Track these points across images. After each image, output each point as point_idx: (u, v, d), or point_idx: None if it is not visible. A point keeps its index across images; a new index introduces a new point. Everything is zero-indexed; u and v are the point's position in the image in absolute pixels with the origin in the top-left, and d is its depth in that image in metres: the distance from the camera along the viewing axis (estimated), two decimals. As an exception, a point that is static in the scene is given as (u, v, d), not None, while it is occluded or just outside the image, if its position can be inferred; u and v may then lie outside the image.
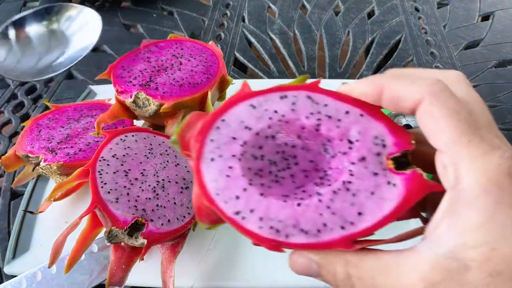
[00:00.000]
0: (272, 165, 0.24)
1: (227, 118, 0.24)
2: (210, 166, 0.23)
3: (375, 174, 0.22)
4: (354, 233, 0.21)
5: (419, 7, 0.71)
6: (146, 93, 0.40)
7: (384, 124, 0.23)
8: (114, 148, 0.35)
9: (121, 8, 0.74)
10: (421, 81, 0.21)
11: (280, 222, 0.21)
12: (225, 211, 0.22)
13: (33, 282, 0.34)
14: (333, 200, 0.22)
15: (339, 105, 0.24)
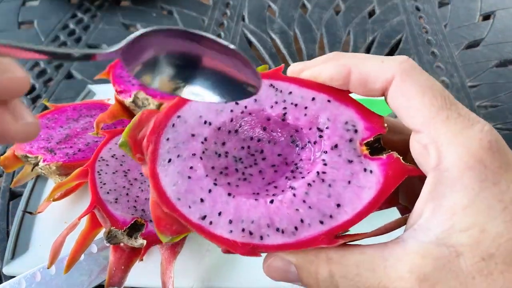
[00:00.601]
0: (238, 162, 0.22)
1: (183, 114, 0.22)
2: (167, 168, 0.20)
3: (349, 162, 0.21)
4: (335, 227, 0.19)
5: (420, 7, 0.71)
6: (145, 93, 0.40)
7: (353, 109, 0.22)
8: (114, 148, 0.35)
9: (121, 8, 0.74)
10: (391, 60, 0.20)
11: (252, 223, 0.20)
12: (189, 217, 0.20)
13: (32, 282, 0.34)
14: (308, 193, 0.20)
15: (304, 92, 0.22)
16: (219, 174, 0.22)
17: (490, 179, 0.17)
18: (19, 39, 0.67)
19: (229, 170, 0.22)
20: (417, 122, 0.19)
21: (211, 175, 0.21)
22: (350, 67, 0.21)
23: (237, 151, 0.23)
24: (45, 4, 0.75)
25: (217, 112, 0.22)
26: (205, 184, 0.20)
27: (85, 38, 0.67)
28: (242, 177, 0.22)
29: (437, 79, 0.58)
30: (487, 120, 0.50)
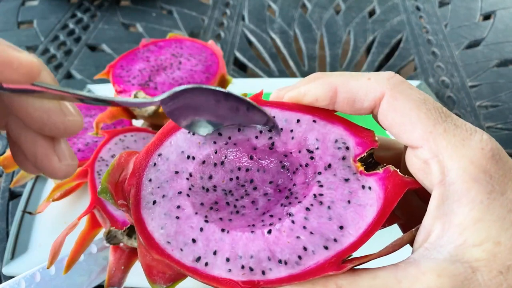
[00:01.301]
0: (228, 195, 0.21)
1: (163, 151, 0.21)
2: (153, 211, 0.19)
3: (346, 180, 0.20)
4: (341, 251, 0.18)
5: (420, 6, 0.71)
6: (145, 93, 0.40)
7: (341, 126, 0.21)
8: (113, 148, 0.35)
9: (120, 7, 0.74)
10: (377, 76, 0.19)
11: (252, 258, 0.18)
12: (182, 260, 0.18)
13: (32, 283, 0.34)
14: (307, 218, 0.19)
15: (287, 115, 0.21)
16: (210, 210, 0.20)
17: (497, 190, 0.17)
18: (18, 39, 0.67)
19: (220, 204, 0.21)
20: (414, 137, 0.18)
21: (201, 211, 0.20)
22: (336, 86, 0.20)
23: (226, 183, 0.21)
24: (44, 4, 0.75)
25: (199, 145, 0.21)
26: (195, 222, 0.19)
27: (85, 38, 0.67)
28: (234, 210, 0.21)
29: (437, 79, 0.59)
30: (488, 120, 0.50)
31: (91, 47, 0.66)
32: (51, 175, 0.20)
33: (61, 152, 0.19)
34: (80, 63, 0.62)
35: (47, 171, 0.19)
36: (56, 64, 0.62)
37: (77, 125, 0.19)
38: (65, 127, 0.19)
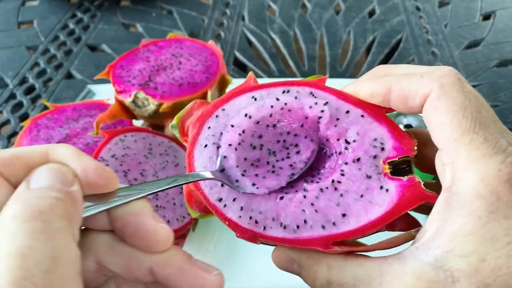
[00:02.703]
0: (271, 155, 0.23)
1: (227, 107, 0.24)
2: (202, 152, 0.22)
3: (368, 177, 0.21)
4: (334, 234, 0.20)
5: (420, 6, 0.71)
6: (145, 93, 0.40)
7: (386, 128, 0.22)
8: (113, 148, 0.35)
9: (121, 7, 0.74)
10: (432, 73, 0.19)
11: (260, 214, 0.21)
12: (208, 197, 0.22)
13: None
14: (318, 197, 0.21)
15: (340, 104, 0.23)
16: (250, 166, 0.23)
17: (502, 212, 0.17)
18: (19, 39, 0.67)
19: (261, 162, 0.23)
20: (441, 140, 0.19)
21: (242, 166, 0.22)
22: (390, 84, 0.21)
23: (272, 144, 0.24)
24: (44, 4, 0.75)
25: (258, 107, 0.23)
26: (233, 173, 0.22)
27: (85, 38, 0.67)
28: (271, 169, 0.23)
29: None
30: (488, 120, 0.50)
31: (91, 47, 0.66)
32: None
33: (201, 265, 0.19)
34: (80, 63, 0.62)
35: None
36: (56, 64, 0.62)
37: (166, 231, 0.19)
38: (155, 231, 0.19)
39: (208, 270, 0.20)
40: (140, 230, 0.18)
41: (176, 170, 0.37)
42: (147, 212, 0.19)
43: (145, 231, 0.18)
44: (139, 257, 0.19)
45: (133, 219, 0.18)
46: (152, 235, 0.18)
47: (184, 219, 0.34)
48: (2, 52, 0.64)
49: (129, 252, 0.19)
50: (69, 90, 0.57)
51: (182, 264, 0.19)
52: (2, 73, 0.60)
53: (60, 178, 0.17)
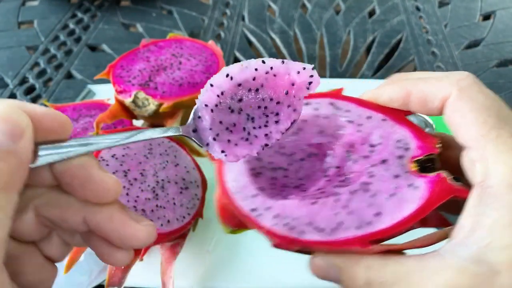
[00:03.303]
0: (249, 121, 0.23)
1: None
2: (231, 168, 0.24)
3: (396, 177, 0.21)
4: (371, 233, 0.20)
5: (420, 6, 0.71)
6: (145, 93, 0.40)
7: (407, 129, 0.23)
8: (113, 148, 0.35)
9: (121, 7, 0.74)
10: (449, 77, 0.20)
11: (294, 220, 0.21)
12: (242, 208, 0.22)
13: (32, 283, 0.34)
14: (350, 199, 0.21)
15: (361, 111, 0.24)
16: (224, 130, 0.22)
17: None
18: (19, 39, 0.67)
19: (236, 127, 0.23)
20: (468, 138, 0.19)
21: (216, 129, 0.22)
22: (409, 88, 0.22)
23: (252, 110, 0.23)
24: (45, 4, 0.75)
25: (242, 68, 0.22)
26: (204, 136, 0.22)
27: (85, 38, 0.67)
28: (246, 136, 0.23)
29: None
30: (487, 120, 0.50)
31: (91, 47, 0.66)
32: (136, 241, 0.20)
33: (133, 216, 0.20)
34: (80, 63, 0.62)
35: (132, 239, 0.20)
36: (56, 64, 0.62)
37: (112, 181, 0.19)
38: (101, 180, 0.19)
39: (138, 219, 0.20)
40: (88, 182, 0.19)
41: (176, 170, 0.37)
42: (94, 163, 0.19)
43: (93, 183, 0.19)
44: (74, 206, 0.19)
45: (81, 171, 0.19)
46: (101, 186, 0.19)
47: (184, 219, 0.34)
48: (2, 52, 0.64)
49: (65, 201, 0.19)
50: (69, 90, 0.57)
51: (112, 212, 0.20)
52: (2, 73, 0.60)
53: (6, 130, 0.16)
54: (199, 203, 0.36)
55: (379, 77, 0.58)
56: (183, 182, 0.36)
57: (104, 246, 0.21)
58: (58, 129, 0.19)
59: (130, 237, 0.20)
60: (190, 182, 0.37)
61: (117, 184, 0.19)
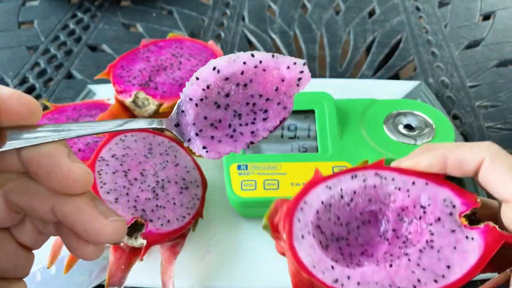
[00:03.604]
0: (236, 118, 0.23)
1: (308, 199, 0.27)
2: (302, 243, 0.25)
3: (452, 231, 0.25)
4: (447, 284, 0.23)
5: (420, 7, 0.71)
6: (145, 93, 0.40)
7: (449, 189, 0.26)
8: (114, 148, 0.35)
9: (121, 7, 0.74)
10: (478, 145, 0.25)
11: (377, 284, 0.24)
12: (324, 280, 0.24)
13: (32, 282, 0.34)
14: (420, 258, 0.24)
15: (405, 178, 0.27)
16: (209, 126, 0.22)
17: None
18: (19, 39, 0.67)
19: (222, 123, 0.22)
20: (508, 193, 0.23)
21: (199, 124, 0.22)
22: (446, 155, 0.26)
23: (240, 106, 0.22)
24: (45, 4, 0.75)
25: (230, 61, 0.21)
26: (187, 131, 0.22)
27: (85, 38, 0.67)
28: (231, 133, 0.22)
29: (437, 79, 0.59)
30: (487, 120, 0.50)
31: (91, 47, 0.66)
32: (102, 237, 0.19)
33: (102, 210, 0.19)
34: (80, 63, 0.62)
35: (97, 234, 0.19)
36: (56, 64, 0.62)
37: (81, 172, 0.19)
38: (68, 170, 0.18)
39: (107, 214, 0.19)
40: (54, 172, 0.18)
41: (176, 170, 0.37)
42: (62, 152, 0.18)
43: (60, 173, 0.18)
44: (42, 194, 0.19)
45: (47, 160, 0.18)
46: (68, 176, 0.18)
47: (184, 219, 0.34)
48: (3, 52, 0.64)
49: (33, 188, 0.19)
50: (70, 90, 0.57)
51: (80, 204, 0.19)
52: (3, 73, 0.60)
53: None
54: (199, 203, 0.36)
55: (379, 77, 0.58)
56: (183, 182, 0.36)
57: (73, 239, 0.20)
58: (25, 113, 0.18)
59: (95, 232, 0.19)
60: (190, 182, 0.37)
61: (86, 175, 0.18)
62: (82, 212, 0.19)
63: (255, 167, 0.37)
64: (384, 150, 0.37)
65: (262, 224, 0.27)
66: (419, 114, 0.40)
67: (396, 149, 0.37)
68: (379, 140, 0.38)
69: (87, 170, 0.19)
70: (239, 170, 0.36)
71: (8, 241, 0.20)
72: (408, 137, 0.38)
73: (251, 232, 0.38)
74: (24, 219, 0.21)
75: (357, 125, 0.39)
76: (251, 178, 0.36)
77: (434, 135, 0.38)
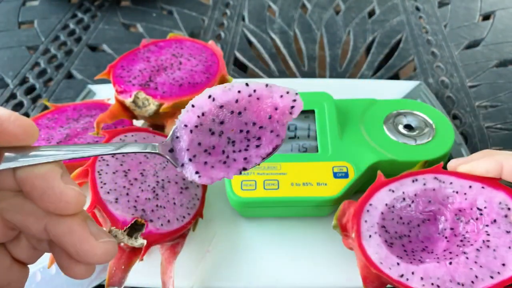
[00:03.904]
0: (230, 145, 0.23)
1: (373, 202, 0.30)
2: (369, 242, 0.29)
3: (507, 232, 0.27)
4: (503, 280, 0.26)
5: (420, 7, 0.71)
6: (145, 93, 0.40)
7: (504, 192, 0.29)
8: (114, 148, 0.35)
9: (121, 7, 0.74)
10: None
11: (438, 279, 0.26)
12: (391, 275, 0.27)
13: (33, 282, 0.34)
14: (478, 256, 0.27)
15: (462, 182, 0.30)
16: (203, 152, 0.22)
17: None
18: (19, 39, 0.67)
19: (216, 150, 0.22)
20: None
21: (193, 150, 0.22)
22: (502, 162, 0.28)
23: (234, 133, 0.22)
24: (45, 4, 0.75)
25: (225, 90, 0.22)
26: (180, 156, 0.22)
27: (85, 38, 0.67)
28: (224, 159, 0.23)
29: (437, 79, 0.59)
30: (487, 120, 0.50)
31: (91, 47, 0.66)
32: (92, 258, 0.19)
33: (94, 231, 0.20)
34: (80, 63, 0.62)
35: (88, 255, 0.19)
36: (56, 64, 0.62)
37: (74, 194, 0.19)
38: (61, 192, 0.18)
39: (98, 235, 0.19)
40: (46, 193, 0.18)
41: (176, 170, 0.37)
42: (56, 174, 0.18)
43: (52, 195, 0.18)
44: (36, 213, 0.19)
45: (40, 182, 0.18)
46: (59, 198, 0.18)
47: (184, 219, 0.34)
48: (3, 52, 0.64)
49: (28, 207, 0.19)
50: (70, 90, 0.58)
51: (72, 225, 0.19)
52: (3, 73, 0.61)
53: None
54: (199, 203, 0.36)
55: (379, 77, 0.58)
56: (183, 182, 0.36)
57: (64, 258, 0.20)
58: (22, 135, 0.18)
59: (86, 252, 0.19)
60: (190, 182, 0.37)
61: (78, 197, 0.19)
62: (73, 233, 0.19)
63: (256, 167, 0.37)
64: (384, 150, 0.37)
65: (332, 224, 0.31)
66: (419, 114, 0.40)
67: (396, 149, 0.37)
68: (379, 140, 0.38)
69: (79, 192, 0.19)
70: None
71: (3, 256, 0.21)
72: (408, 137, 0.38)
73: (251, 232, 0.38)
74: (20, 235, 0.21)
75: (357, 125, 0.39)
76: (251, 178, 0.36)
77: (434, 135, 0.38)
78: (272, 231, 0.38)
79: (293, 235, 0.38)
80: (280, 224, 0.38)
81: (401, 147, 0.37)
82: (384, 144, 0.38)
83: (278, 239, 0.37)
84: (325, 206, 0.36)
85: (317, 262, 0.35)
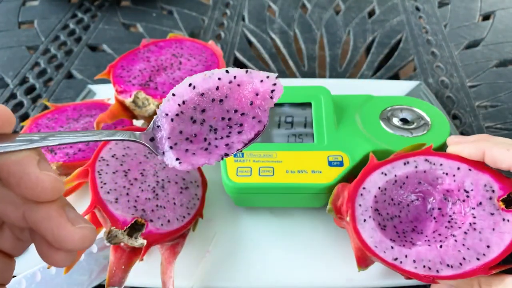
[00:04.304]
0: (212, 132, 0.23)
1: (366, 185, 0.31)
2: (364, 226, 0.30)
3: (491, 214, 0.28)
4: (488, 261, 0.27)
5: (420, 7, 0.71)
6: (145, 93, 0.40)
7: (489, 174, 0.30)
8: (114, 148, 0.35)
9: (121, 7, 0.74)
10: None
11: (429, 261, 0.28)
12: (385, 258, 0.29)
13: (33, 282, 0.34)
14: (465, 239, 0.28)
15: (451, 163, 0.31)
16: (184, 140, 0.22)
17: None
18: (19, 39, 0.67)
19: (197, 138, 0.22)
20: None
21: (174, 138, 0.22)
22: (484, 149, 0.29)
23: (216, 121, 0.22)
24: (45, 4, 0.75)
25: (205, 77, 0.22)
26: (161, 144, 0.22)
27: (85, 38, 0.67)
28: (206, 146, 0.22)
29: (437, 79, 0.59)
30: (487, 120, 0.50)
31: (91, 47, 0.66)
32: (69, 244, 0.19)
33: (71, 217, 0.20)
34: (80, 63, 0.62)
35: (65, 241, 0.19)
36: (56, 64, 0.62)
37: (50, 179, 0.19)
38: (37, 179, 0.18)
39: (75, 221, 0.19)
40: (23, 180, 0.18)
41: (176, 170, 0.37)
42: (32, 160, 0.19)
43: (29, 181, 0.18)
44: (14, 201, 0.19)
45: (17, 168, 0.18)
46: (36, 183, 0.18)
47: (184, 219, 0.34)
48: (3, 52, 0.64)
49: (5, 195, 0.19)
50: (70, 90, 0.58)
51: (50, 211, 0.19)
52: (3, 73, 0.60)
53: None
54: (199, 203, 0.36)
55: (378, 77, 0.58)
56: (183, 182, 0.36)
57: (44, 246, 0.20)
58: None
59: (63, 238, 0.19)
60: (190, 182, 0.37)
61: (55, 183, 0.19)
62: (50, 219, 0.19)
63: (251, 155, 0.37)
64: (379, 141, 0.37)
65: (326, 209, 0.32)
66: (415, 109, 0.41)
67: (392, 140, 0.37)
68: (375, 132, 0.38)
69: (56, 178, 0.19)
70: (235, 158, 0.36)
71: None
72: (404, 130, 0.38)
73: (251, 232, 0.38)
74: (3, 226, 0.21)
75: (353, 118, 0.40)
76: (246, 165, 0.36)
77: (429, 129, 0.38)
78: (273, 231, 0.38)
79: (294, 235, 0.38)
80: (281, 224, 0.38)
81: (397, 138, 0.38)
82: (380, 136, 0.38)
83: (278, 239, 0.37)
84: (320, 193, 0.35)
85: (318, 262, 0.35)
